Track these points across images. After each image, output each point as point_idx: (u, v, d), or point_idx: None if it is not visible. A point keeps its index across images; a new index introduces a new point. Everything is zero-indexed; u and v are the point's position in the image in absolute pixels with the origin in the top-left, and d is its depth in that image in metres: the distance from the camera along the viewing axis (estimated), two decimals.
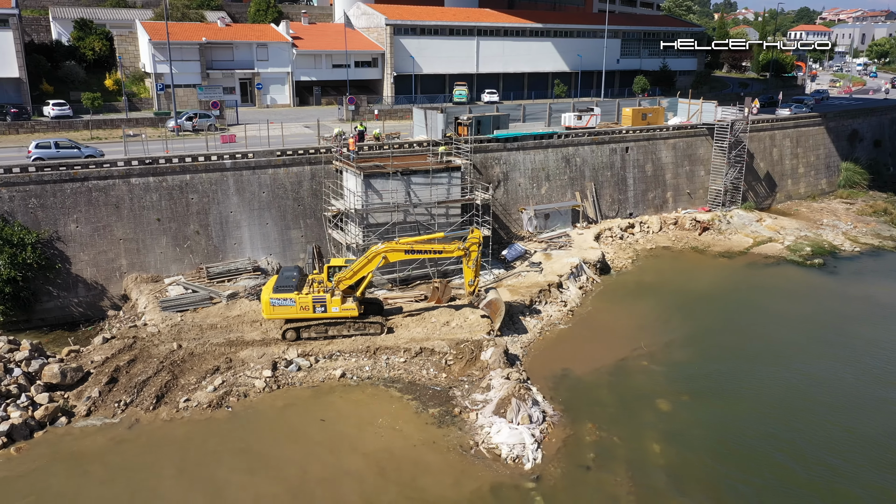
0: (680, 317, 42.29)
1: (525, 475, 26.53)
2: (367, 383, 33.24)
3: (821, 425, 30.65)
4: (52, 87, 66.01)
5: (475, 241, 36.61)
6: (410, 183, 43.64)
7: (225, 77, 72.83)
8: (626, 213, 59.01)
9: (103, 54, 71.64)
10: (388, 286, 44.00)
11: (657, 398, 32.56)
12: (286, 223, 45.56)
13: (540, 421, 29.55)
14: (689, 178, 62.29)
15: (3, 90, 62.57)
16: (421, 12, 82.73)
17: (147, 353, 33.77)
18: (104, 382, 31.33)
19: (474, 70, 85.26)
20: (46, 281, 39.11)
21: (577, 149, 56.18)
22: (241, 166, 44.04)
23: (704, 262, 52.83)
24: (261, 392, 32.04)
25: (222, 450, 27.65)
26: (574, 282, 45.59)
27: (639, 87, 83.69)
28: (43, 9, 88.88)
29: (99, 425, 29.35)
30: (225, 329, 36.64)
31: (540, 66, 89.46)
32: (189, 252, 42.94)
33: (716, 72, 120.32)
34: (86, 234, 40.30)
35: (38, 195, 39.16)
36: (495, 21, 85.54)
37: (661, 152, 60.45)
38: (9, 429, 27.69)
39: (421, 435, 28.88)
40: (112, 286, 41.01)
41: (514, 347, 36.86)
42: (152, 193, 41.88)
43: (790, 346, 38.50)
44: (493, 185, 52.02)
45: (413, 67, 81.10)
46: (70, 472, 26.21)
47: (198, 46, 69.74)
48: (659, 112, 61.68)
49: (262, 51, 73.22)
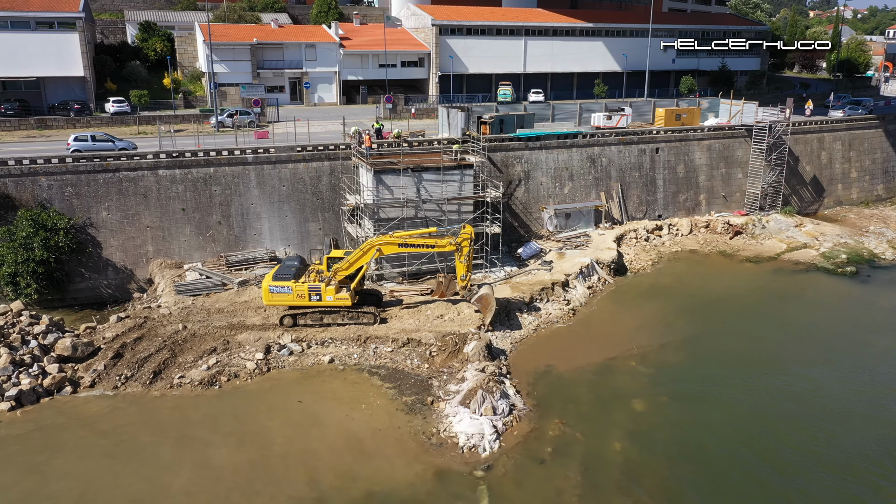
0: (685, 320, 41.69)
1: (477, 464, 27.21)
2: (353, 370, 34.63)
3: (798, 433, 29.81)
4: (116, 86, 70.74)
5: (466, 237, 37.36)
6: (422, 179, 44.74)
7: (275, 76, 76.10)
8: (655, 215, 58.17)
9: (164, 55, 76.16)
10: (398, 279, 45.31)
11: (634, 398, 32.48)
12: (304, 216, 47.57)
13: (505, 413, 30.11)
14: (725, 181, 60.72)
15: (70, 88, 67.68)
16: (469, 13, 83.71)
17: (154, 333, 36.33)
18: (110, 357, 34.00)
19: (521, 70, 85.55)
20: (79, 263, 42.48)
21: (604, 149, 55.84)
22: (262, 160, 46.33)
23: (728, 266, 51.56)
24: (251, 373, 33.92)
25: (199, 421, 29.63)
26: (582, 281, 45.58)
27: (686, 87, 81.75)
28: (119, 12, 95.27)
29: (98, 395, 31.95)
30: (230, 313, 38.86)
31: (590, 65, 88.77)
32: (211, 241, 45.57)
33: (786, 72, 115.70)
34: (116, 221, 43.48)
35: (74, 184, 42.56)
36: (545, 21, 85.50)
37: (694, 154, 59.20)
38: (17, 393, 30.58)
39: (388, 420, 29.99)
40: (139, 270, 44.08)
41: (504, 343, 37.44)
42: (178, 185, 44.69)
43: (792, 353, 37.41)
44: (513, 184, 52.61)
45: (459, 67, 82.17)
46: (63, 433, 28.75)
47: (249, 47, 73.11)
48: (694, 113, 60.41)
49: (310, 51, 76.03)
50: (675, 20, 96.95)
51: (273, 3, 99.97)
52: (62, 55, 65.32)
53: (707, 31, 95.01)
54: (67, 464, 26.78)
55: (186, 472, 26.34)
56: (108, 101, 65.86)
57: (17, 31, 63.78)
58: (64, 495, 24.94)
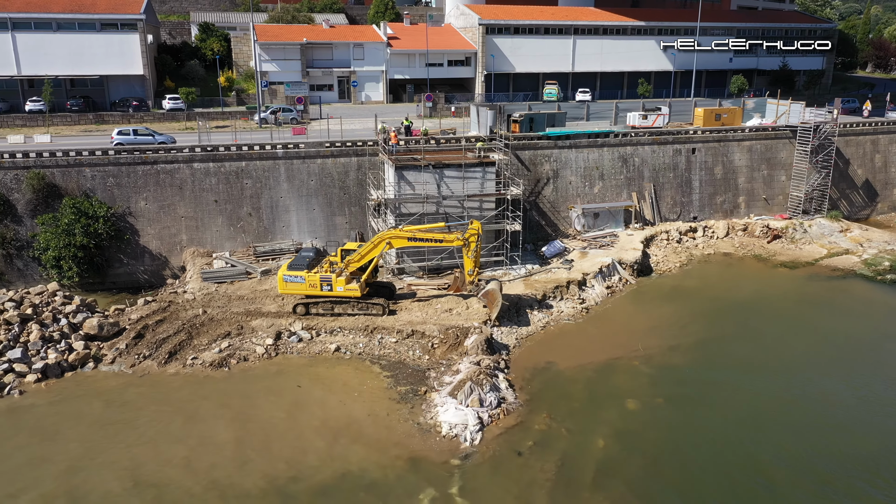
0: (701, 323, 40.97)
1: (456, 452, 27.82)
2: (356, 359, 35.76)
3: (787, 441, 29.01)
4: (174, 84, 74.40)
5: (473, 233, 37.91)
6: (443, 176, 45.51)
7: (324, 75, 78.30)
8: (690, 217, 57.04)
9: (221, 54, 79.54)
10: (418, 273, 46.23)
11: (629, 398, 32.32)
12: (332, 210, 49.11)
13: (493, 405, 30.56)
14: (767, 183, 58.91)
15: (131, 85, 71.67)
16: (518, 12, 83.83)
17: (175, 316, 38.47)
18: (132, 337, 36.29)
19: (569, 69, 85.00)
20: (118, 250, 45.26)
21: (637, 148, 55.19)
22: (291, 155, 48.11)
23: (761, 271, 50.13)
24: (260, 357, 35.56)
25: (203, 399, 31.38)
26: (601, 281, 45.34)
27: (736, 86, 79.35)
28: (186, 14, 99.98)
29: (117, 372, 34.21)
30: (249, 300, 40.67)
31: (640, 65, 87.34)
32: (242, 232, 47.67)
33: (857, 71, 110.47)
34: (153, 210, 46.09)
35: (115, 175, 45.38)
36: (595, 20, 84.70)
37: (733, 154, 57.70)
38: (43, 367, 33.11)
39: (378, 407, 30.94)
40: (173, 258, 46.59)
41: (509, 338, 37.81)
42: (212, 177, 46.96)
43: (806, 361, 36.30)
44: (541, 182, 52.72)
45: (505, 66, 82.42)
46: (79, 403, 31.01)
47: (299, 47, 75.53)
48: (735, 113, 58.86)
49: (357, 50, 77.88)
50: (735, 18, 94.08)
51: (332, 4, 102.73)
52: (124, 55, 69.28)
53: (768, 30, 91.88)
54: (77, 431, 28.94)
55: (183, 443, 28.06)
56: (165, 98, 69.42)
57: (83, 33, 68.04)
58: (67, 457, 26.98)
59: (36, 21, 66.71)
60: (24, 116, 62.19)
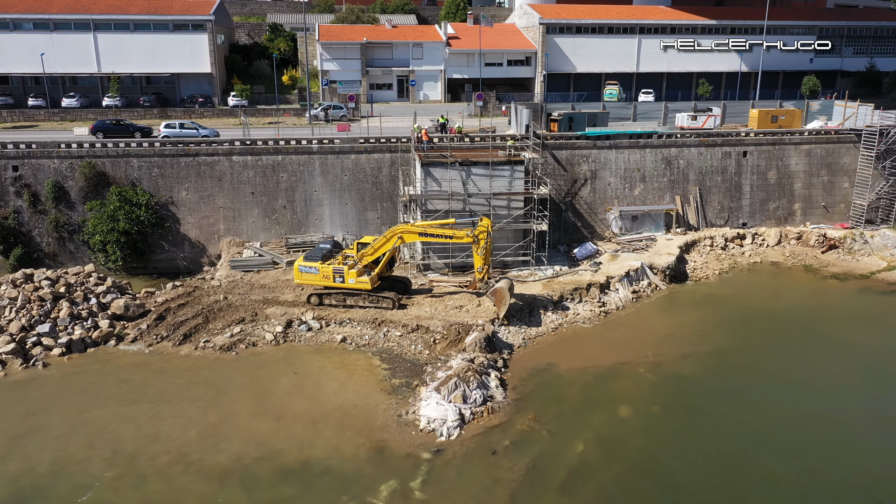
0: (724, 332, 39.11)
1: (430, 447, 27.80)
2: (360, 350, 36.33)
3: (780, 458, 27.30)
4: (241, 82, 77.63)
5: (483, 230, 37.69)
6: (470, 174, 45.44)
7: (384, 74, 79.64)
8: (738, 223, 54.40)
9: (288, 54, 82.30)
10: (443, 270, 46.35)
11: (623, 404, 31.33)
12: (364, 205, 49.99)
13: (477, 403, 30.34)
14: (827, 190, 55.36)
15: (200, 83, 75.37)
16: (582, 10, 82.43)
17: (197, 301, 40.27)
18: (153, 319, 38.26)
19: (634, 69, 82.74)
20: (160, 237, 47.81)
21: (682, 150, 53.16)
22: (326, 150, 49.31)
23: (807, 282, 47.24)
24: (268, 344, 36.71)
25: (205, 380, 32.78)
26: (627, 285, 44.02)
27: (807, 88, 74.75)
28: (263, 15, 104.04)
29: (135, 350, 36.18)
30: (270, 289, 42.02)
31: (711, 65, 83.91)
32: (276, 223, 49.29)
33: None
34: (193, 200, 48.37)
35: (160, 166, 47.93)
36: (662, 18, 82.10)
37: (790, 158, 54.57)
38: (67, 342, 35.45)
39: (368, 398, 31.32)
40: (211, 246, 48.74)
41: (515, 338, 37.38)
42: (249, 170, 48.79)
43: (828, 377, 34.00)
44: (578, 183, 51.73)
45: (566, 66, 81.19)
46: (92, 377, 33.07)
47: (359, 46, 77.16)
48: (794, 115, 55.66)
49: (417, 50, 78.76)
50: (820, 16, 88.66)
51: (403, 5, 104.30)
52: (193, 54, 72.98)
53: (854, 28, 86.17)
54: (83, 402, 30.85)
55: (169, 420, 29.44)
56: (230, 95, 72.62)
57: (157, 33, 72.15)
58: (61, 425, 28.84)
59: (115, 22, 71.28)
60: (97, 111, 66.46)
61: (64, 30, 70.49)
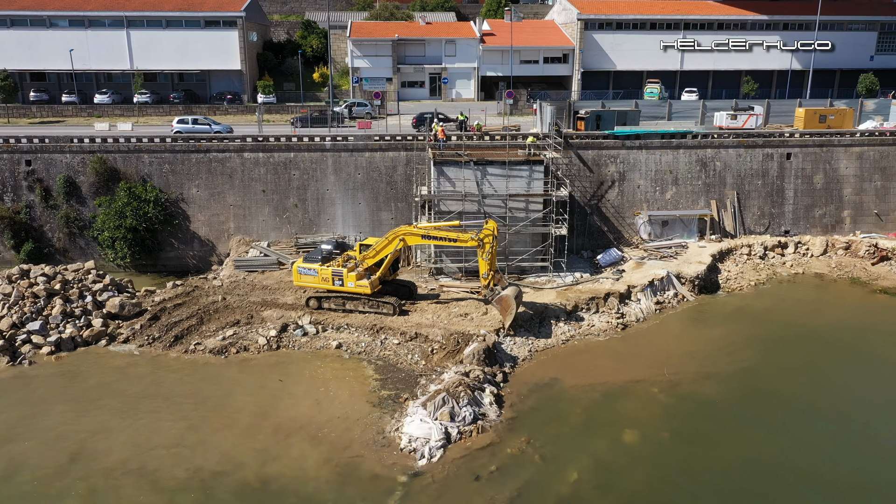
0: (754, 350, 35.66)
1: (407, 468, 25.54)
2: (354, 358, 34.35)
3: (812, 502, 24.09)
4: (271, 79, 76.93)
5: (489, 233, 35.20)
6: (486, 174, 43.05)
7: (416, 71, 77.89)
8: (780, 231, 50.42)
9: (320, 51, 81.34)
10: (456, 275, 44.08)
11: (630, 428, 28.41)
12: (377, 204, 48.08)
13: (466, 421, 27.93)
14: (880, 196, 50.84)
15: (230, 80, 74.97)
16: (622, 6, 78.98)
17: (194, 301, 38.97)
18: (147, 319, 37.08)
19: (677, 67, 78.86)
20: (170, 234, 46.90)
21: (718, 151, 49.53)
22: (339, 148, 47.59)
23: (853, 296, 43.17)
24: (261, 348, 35.06)
25: (185, 384, 31.34)
26: (650, 295, 40.91)
27: (863, 86, 69.52)
28: (302, 13, 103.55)
29: (125, 351, 35.02)
30: (271, 291, 40.46)
31: (761, 62, 79.31)
32: (287, 222, 47.82)
33: None
34: (204, 197, 47.30)
35: (171, 162, 47.02)
36: (708, 13, 77.95)
37: (839, 162, 50.31)
38: (57, 340, 34.52)
39: (352, 410, 29.26)
40: (221, 244, 47.60)
41: (521, 350, 34.82)
42: (260, 167, 47.45)
43: (871, 407, 30.28)
44: (604, 185, 48.77)
45: (605, 63, 77.91)
46: (76, 379, 31.96)
47: (390, 43, 75.50)
48: (845, 115, 51.33)
49: (449, 47, 76.69)
50: (877, 11, 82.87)
51: (444, 3, 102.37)
52: (224, 51, 72.61)
53: None
54: (56, 405, 29.69)
55: (139, 427, 27.94)
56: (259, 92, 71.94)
57: (189, 30, 72.02)
58: (26, 427, 27.67)
59: (148, 19, 71.41)
60: (123, 107, 66.49)
61: (98, 27, 71.00)
